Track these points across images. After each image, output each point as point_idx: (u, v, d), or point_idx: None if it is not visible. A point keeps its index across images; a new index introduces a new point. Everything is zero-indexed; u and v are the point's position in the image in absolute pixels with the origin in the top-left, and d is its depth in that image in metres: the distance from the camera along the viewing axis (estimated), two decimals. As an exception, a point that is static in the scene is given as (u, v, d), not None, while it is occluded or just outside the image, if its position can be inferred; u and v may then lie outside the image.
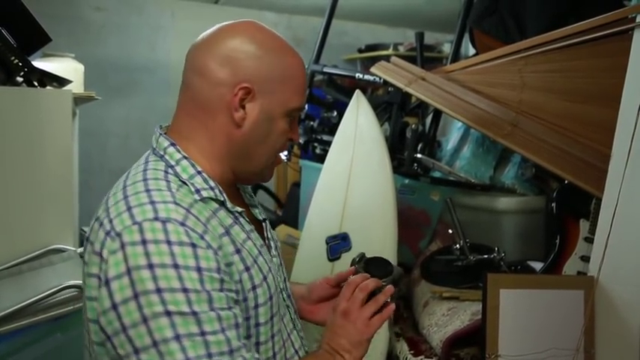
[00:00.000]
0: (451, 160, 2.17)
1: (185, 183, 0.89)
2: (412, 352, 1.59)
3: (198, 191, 0.89)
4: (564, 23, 1.72)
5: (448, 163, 2.17)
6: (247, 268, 0.90)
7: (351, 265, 1.11)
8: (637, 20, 1.45)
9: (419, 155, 2.08)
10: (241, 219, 0.95)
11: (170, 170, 0.89)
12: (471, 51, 2.63)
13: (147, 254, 0.77)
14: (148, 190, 0.84)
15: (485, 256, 1.72)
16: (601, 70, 1.63)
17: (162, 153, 0.92)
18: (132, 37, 3.23)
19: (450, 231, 1.79)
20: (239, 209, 0.95)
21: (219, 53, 0.91)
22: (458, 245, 1.80)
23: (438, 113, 2.28)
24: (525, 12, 1.95)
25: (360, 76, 2.31)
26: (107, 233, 0.81)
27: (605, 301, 1.39)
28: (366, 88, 2.76)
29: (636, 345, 1.32)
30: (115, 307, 0.77)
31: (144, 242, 0.78)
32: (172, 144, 0.92)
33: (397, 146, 2.10)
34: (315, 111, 2.47)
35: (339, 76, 2.55)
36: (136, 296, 0.76)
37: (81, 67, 2.13)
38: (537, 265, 1.74)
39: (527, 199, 1.89)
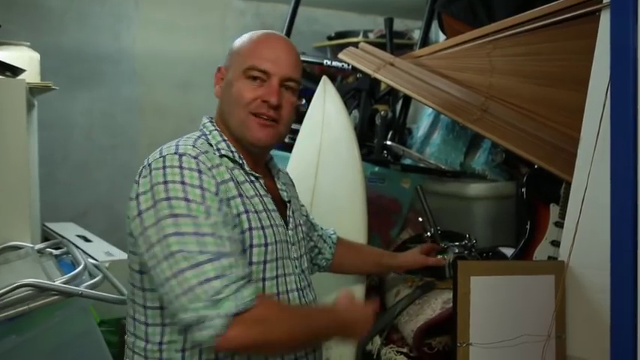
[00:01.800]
0: (422, 147, 2.14)
1: (211, 145, 1.14)
2: (384, 341, 1.57)
3: (219, 150, 1.14)
4: (532, 6, 1.70)
5: (419, 150, 2.14)
6: (246, 212, 1.10)
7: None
8: (604, 1, 1.43)
9: (389, 142, 2.04)
10: (257, 183, 1.17)
11: (203, 137, 1.15)
12: (442, 37, 2.61)
13: (164, 175, 1.02)
14: (177, 144, 1.09)
15: (457, 243, 1.69)
16: (570, 52, 1.61)
17: (201, 127, 1.19)
18: (94, 25, 3.11)
19: (421, 219, 1.76)
20: (256, 174, 1.17)
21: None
22: (429, 233, 1.78)
23: (407, 100, 2.25)
24: (493, -5, 1.92)
25: (329, 62, 2.26)
26: (144, 167, 1.06)
27: (576, 286, 1.38)
28: (336, 75, 2.71)
29: (606, 328, 1.31)
30: (140, 213, 1.02)
31: (164, 167, 1.03)
32: (210, 120, 1.20)
33: (366, 134, 2.06)
34: (284, 99, 2.42)
35: (308, 64, 2.50)
36: (154, 204, 1.00)
37: (36, 56, 2.05)
38: (508, 251, 1.72)
39: (498, 185, 1.87)
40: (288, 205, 1.27)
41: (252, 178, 1.17)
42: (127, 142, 3.19)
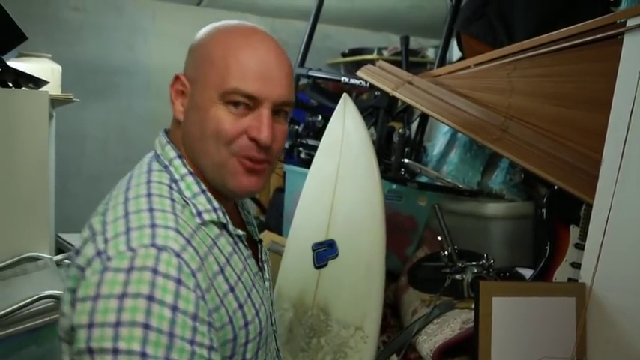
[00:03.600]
0: (438, 166, 2.15)
1: (187, 203, 0.85)
2: (401, 361, 1.56)
3: (200, 214, 0.85)
4: (552, 28, 1.71)
5: (435, 168, 2.14)
6: (240, 306, 0.84)
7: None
8: (627, 25, 1.44)
9: (406, 160, 2.05)
10: (240, 244, 0.91)
11: (174, 186, 0.85)
12: (455, 56, 2.62)
13: (126, 282, 0.71)
14: (151, 210, 0.79)
15: (474, 262, 1.69)
16: (590, 74, 1.62)
17: (167, 164, 0.88)
18: (111, 38, 3.15)
19: (439, 237, 1.76)
20: (240, 232, 0.91)
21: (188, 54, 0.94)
22: (446, 252, 1.77)
23: (424, 118, 2.26)
24: (513, 16, 1.94)
25: (346, 79, 2.28)
26: (98, 253, 0.76)
27: (598, 309, 1.37)
28: (351, 91, 2.72)
29: (628, 352, 1.30)
30: (73, 327, 0.74)
31: (129, 270, 0.72)
32: (179, 156, 0.88)
33: (384, 151, 2.07)
34: (300, 115, 2.43)
35: (324, 80, 2.52)
36: (90, 325, 0.71)
37: (58, 68, 2.07)
38: (525, 272, 1.72)
39: (516, 205, 1.87)
40: (259, 246, 1.03)
41: (236, 239, 0.91)
42: (140, 155, 3.18)
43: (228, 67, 0.85)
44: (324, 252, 1.70)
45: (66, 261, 1.73)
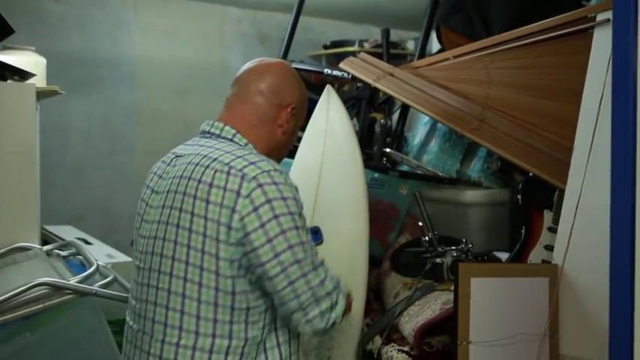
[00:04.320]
0: (418, 155, 2.21)
1: None
2: (385, 341, 1.62)
3: None
4: (528, 21, 1.77)
5: (415, 157, 2.20)
6: None
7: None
8: (597, 19, 1.51)
9: (388, 150, 2.11)
10: None
11: (241, 147, 1.21)
12: (434, 48, 2.68)
13: (279, 190, 1.10)
14: (252, 154, 1.17)
15: (454, 247, 1.76)
16: (563, 66, 1.69)
17: (230, 137, 1.23)
18: (94, 31, 3.15)
19: (420, 224, 1.82)
20: None
21: (271, 84, 1.28)
22: (426, 237, 1.84)
23: (405, 109, 2.32)
24: (490, 10, 2.00)
25: (329, 71, 2.32)
26: (242, 177, 1.10)
27: (569, 288, 1.45)
28: (333, 83, 2.77)
29: (597, 328, 1.38)
30: (262, 225, 1.08)
31: (275, 183, 1.11)
32: (238, 132, 1.24)
33: (366, 141, 2.12)
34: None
35: (307, 72, 2.56)
36: (275, 216, 1.09)
37: (43, 61, 2.08)
38: (502, 256, 1.79)
39: (493, 192, 1.94)
40: None
41: None
42: (124, 147, 3.22)
43: (304, 110, 1.38)
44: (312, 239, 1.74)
45: (56, 251, 1.76)
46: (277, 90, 1.28)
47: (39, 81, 1.99)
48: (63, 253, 1.75)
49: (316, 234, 1.76)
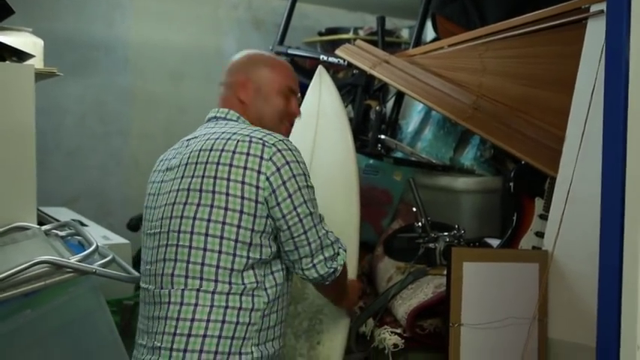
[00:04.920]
0: (412, 142, 2.24)
1: None
2: (378, 323, 1.66)
3: None
4: (522, 11, 1.80)
5: (409, 144, 2.23)
6: None
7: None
8: (591, 10, 1.54)
9: (382, 136, 2.13)
10: None
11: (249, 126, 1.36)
12: (429, 36, 2.71)
13: (294, 155, 1.27)
14: (262, 130, 1.31)
15: (446, 233, 1.80)
16: (557, 56, 1.72)
17: (235, 119, 1.39)
18: (89, 13, 3.12)
19: (414, 210, 1.86)
20: None
21: (244, 68, 1.44)
22: (419, 223, 1.88)
23: (400, 96, 2.34)
24: (485, 0, 2.02)
25: (325, 58, 2.34)
26: (263, 144, 1.25)
27: (558, 273, 1.49)
28: (328, 69, 2.78)
29: (584, 313, 1.42)
30: (284, 182, 1.24)
31: (289, 149, 1.27)
32: (241, 115, 1.40)
33: (361, 128, 2.15)
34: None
35: (303, 58, 2.57)
36: (294, 176, 1.25)
37: (40, 42, 2.07)
38: (494, 242, 1.83)
39: (486, 180, 1.98)
40: None
41: None
42: (118, 130, 3.22)
43: (278, 79, 1.44)
44: None
45: (54, 231, 1.77)
46: (240, 70, 1.44)
47: (37, 62, 1.98)
48: (61, 234, 1.76)
49: None
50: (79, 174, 3.12)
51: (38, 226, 1.71)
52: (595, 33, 1.48)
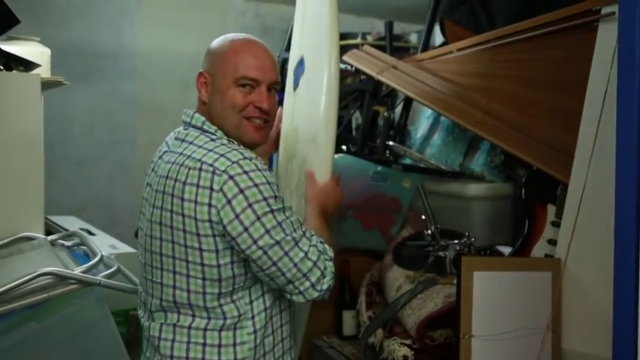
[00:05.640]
0: (421, 148, 2.21)
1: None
2: (387, 334, 1.63)
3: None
4: (531, 14, 1.77)
5: (418, 150, 2.20)
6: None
7: None
8: (602, 13, 1.51)
9: (390, 143, 2.11)
10: None
11: (213, 136, 1.23)
12: (438, 41, 2.68)
13: (249, 178, 1.13)
14: (223, 145, 1.19)
15: (456, 241, 1.76)
16: (568, 60, 1.68)
17: (200, 125, 1.25)
18: (96, 22, 3.14)
19: (423, 217, 1.83)
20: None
21: (204, 59, 1.32)
22: (429, 231, 1.85)
23: (408, 102, 2.31)
24: (494, 2, 1.99)
25: (332, 64, 2.31)
26: (213, 172, 1.13)
27: (572, 283, 1.45)
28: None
29: (600, 323, 1.38)
30: (237, 216, 1.12)
31: (245, 172, 1.13)
32: (206, 120, 1.26)
33: (369, 134, 2.12)
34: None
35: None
36: (249, 205, 1.12)
37: (47, 51, 2.08)
38: (505, 250, 1.80)
39: (496, 186, 1.94)
40: None
41: None
42: (126, 139, 3.23)
43: (237, 61, 1.25)
44: (298, 71, 1.65)
45: (60, 241, 1.76)
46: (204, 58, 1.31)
47: (43, 71, 1.99)
48: (67, 244, 1.76)
49: (301, 64, 1.64)
50: (88, 183, 3.14)
51: (44, 236, 1.71)
52: (606, 35, 1.44)
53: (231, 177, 1.12)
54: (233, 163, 1.14)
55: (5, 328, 1.34)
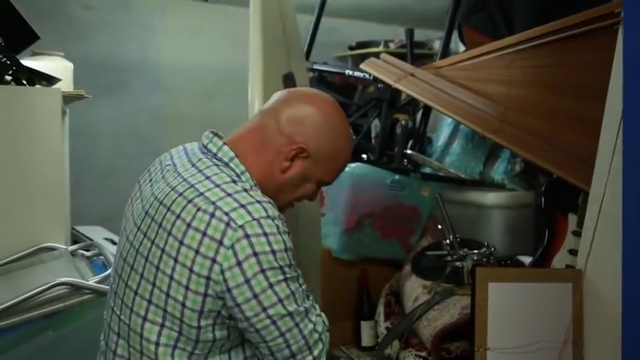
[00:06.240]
0: (441, 156, 2.18)
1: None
2: (403, 345, 1.60)
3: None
4: (551, 19, 1.73)
5: (438, 158, 2.18)
6: None
7: None
8: (622, 15, 1.46)
9: (409, 151, 2.08)
10: None
11: (236, 178, 1.07)
12: (462, 47, 2.65)
13: (268, 242, 0.98)
14: (245, 191, 1.03)
15: (476, 251, 1.73)
16: (588, 64, 1.64)
17: (227, 161, 1.09)
18: (121, 35, 3.21)
19: (440, 226, 1.80)
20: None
21: (293, 112, 1.12)
22: (448, 240, 1.82)
23: (427, 109, 2.29)
24: (512, 8, 1.96)
25: (350, 72, 2.31)
26: (228, 223, 0.98)
27: (594, 294, 1.41)
28: (357, 85, 2.76)
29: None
30: (247, 281, 0.97)
31: (265, 234, 0.98)
32: (236, 156, 1.09)
33: (387, 142, 2.10)
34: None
35: (329, 73, 2.55)
36: (262, 271, 0.97)
37: (70, 66, 2.13)
38: (527, 260, 1.75)
39: (517, 194, 1.90)
40: None
41: None
42: (151, 151, 3.26)
43: (333, 166, 1.17)
44: None
45: (80, 251, 1.79)
46: (295, 121, 1.11)
47: (66, 85, 2.03)
48: (87, 254, 1.78)
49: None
50: (114, 194, 3.18)
51: (65, 247, 1.74)
52: (626, 39, 1.40)
53: (247, 235, 0.97)
54: (254, 220, 0.98)
55: (22, 338, 1.37)
